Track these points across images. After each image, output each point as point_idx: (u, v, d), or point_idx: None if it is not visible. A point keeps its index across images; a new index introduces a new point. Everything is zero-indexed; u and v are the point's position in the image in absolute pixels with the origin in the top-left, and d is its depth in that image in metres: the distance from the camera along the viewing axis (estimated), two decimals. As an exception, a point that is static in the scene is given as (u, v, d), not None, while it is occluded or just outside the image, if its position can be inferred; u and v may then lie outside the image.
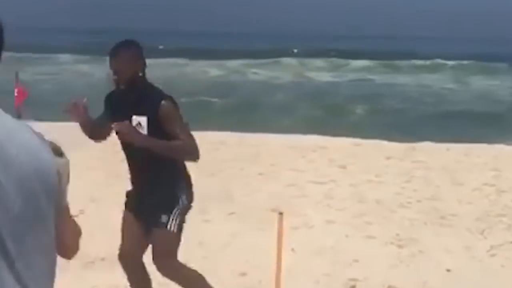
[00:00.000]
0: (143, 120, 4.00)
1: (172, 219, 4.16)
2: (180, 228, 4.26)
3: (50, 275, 1.87)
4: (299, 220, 7.26)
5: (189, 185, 4.38)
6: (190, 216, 7.16)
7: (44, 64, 33.38)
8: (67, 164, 1.93)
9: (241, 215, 7.46)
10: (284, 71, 34.11)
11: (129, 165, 4.31)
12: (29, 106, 12.89)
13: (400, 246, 6.87)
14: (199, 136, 4.29)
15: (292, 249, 6.28)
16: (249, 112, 20.21)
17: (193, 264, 5.90)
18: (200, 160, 9.77)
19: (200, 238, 6.47)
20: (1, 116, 1.79)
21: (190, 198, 4.36)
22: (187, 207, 4.33)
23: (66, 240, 1.97)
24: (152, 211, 4.17)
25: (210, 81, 30.28)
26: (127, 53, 4.05)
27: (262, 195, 8.38)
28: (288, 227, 4.98)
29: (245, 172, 9.61)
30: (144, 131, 3.99)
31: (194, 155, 4.11)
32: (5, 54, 1.84)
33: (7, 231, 1.68)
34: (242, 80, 30.78)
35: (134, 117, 4.01)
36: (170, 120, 4.01)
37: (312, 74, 32.98)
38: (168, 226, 4.16)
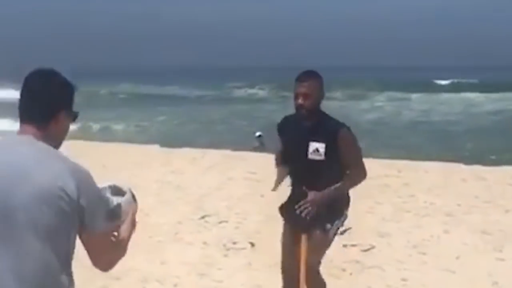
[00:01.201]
0: (322, 146, 4.20)
1: (333, 228, 4.37)
2: (334, 237, 4.43)
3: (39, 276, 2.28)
4: None
5: (349, 200, 4.48)
6: (483, 253, 6.81)
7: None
8: (127, 202, 2.72)
9: (541, 255, 6.83)
10: None
11: (294, 177, 4.47)
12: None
13: None
14: (490, 171, 4.02)
15: None
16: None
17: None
18: (492, 196, 9.31)
19: (494, 278, 6.06)
20: (34, 146, 2.35)
21: (348, 212, 4.49)
22: (345, 219, 4.48)
23: (90, 255, 2.47)
24: (317, 221, 4.32)
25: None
26: (318, 80, 4.29)
27: None
28: None
29: (543, 208, 8.85)
30: (322, 156, 4.20)
31: (363, 180, 4.34)
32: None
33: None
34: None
35: (312, 143, 4.22)
36: (347, 147, 4.21)
37: None
38: (329, 234, 4.36)
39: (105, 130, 24.03)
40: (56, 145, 2.44)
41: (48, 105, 2.40)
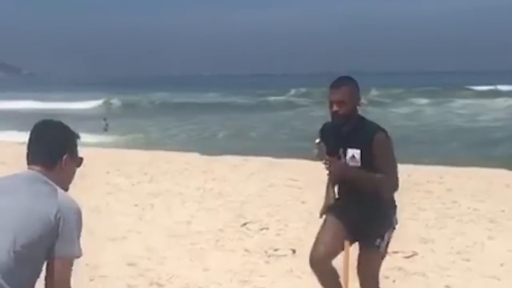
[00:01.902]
0: (357, 152, 4.18)
1: (384, 242, 4.32)
2: (387, 249, 4.39)
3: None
4: None
5: (396, 208, 4.42)
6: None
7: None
8: None
9: None
10: None
11: (338, 184, 4.44)
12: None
13: None
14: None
15: None
16: None
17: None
18: None
19: None
20: (23, 174, 2.71)
21: (396, 221, 4.42)
22: (394, 230, 4.42)
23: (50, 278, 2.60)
24: (366, 233, 4.29)
25: None
26: (351, 86, 4.26)
27: None
28: None
29: None
30: (358, 163, 4.18)
31: (393, 189, 4.26)
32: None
33: None
34: None
35: (349, 149, 4.21)
36: (381, 152, 4.15)
37: None
38: (380, 249, 4.32)
39: (145, 139, 24.27)
40: (63, 186, 2.75)
41: (52, 149, 2.76)
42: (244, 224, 8.15)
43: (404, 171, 4.40)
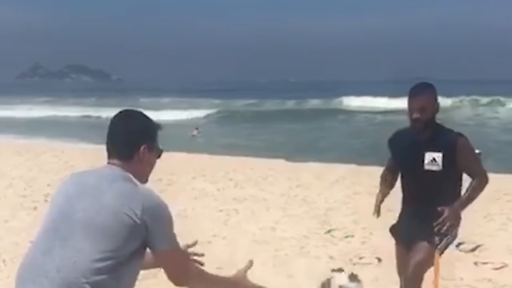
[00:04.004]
0: (438, 156, 4.17)
1: (443, 243, 4.26)
2: (443, 252, 4.32)
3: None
4: None
5: (460, 219, 4.32)
6: None
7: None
8: None
9: None
10: None
11: (407, 192, 4.51)
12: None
13: None
14: None
15: None
16: None
17: None
18: None
19: None
20: (104, 171, 2.67)
21: (456, 234, 4.38)
22: (454, 239, 4.39)
23: (165, 271, 2.68)
24: (428, 231, 4.22)
25: None
26: (432, 92, 4.27)
27: None
28: None
29: None
30: (439, 166, 4.17)
31: (486, 184, 4.28)
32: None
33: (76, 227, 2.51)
34: None
35: (427, 153, 4.19)
36: (467, 156, 4.17)
37: None
38: (438, 247, 4.25)
39: (230, 145, 24.52)
40: (141, 178, 2.71)
41: (127, 141, 2.71)
42: (329, 231, 8.13)
43: (494, 180, 4.29)
